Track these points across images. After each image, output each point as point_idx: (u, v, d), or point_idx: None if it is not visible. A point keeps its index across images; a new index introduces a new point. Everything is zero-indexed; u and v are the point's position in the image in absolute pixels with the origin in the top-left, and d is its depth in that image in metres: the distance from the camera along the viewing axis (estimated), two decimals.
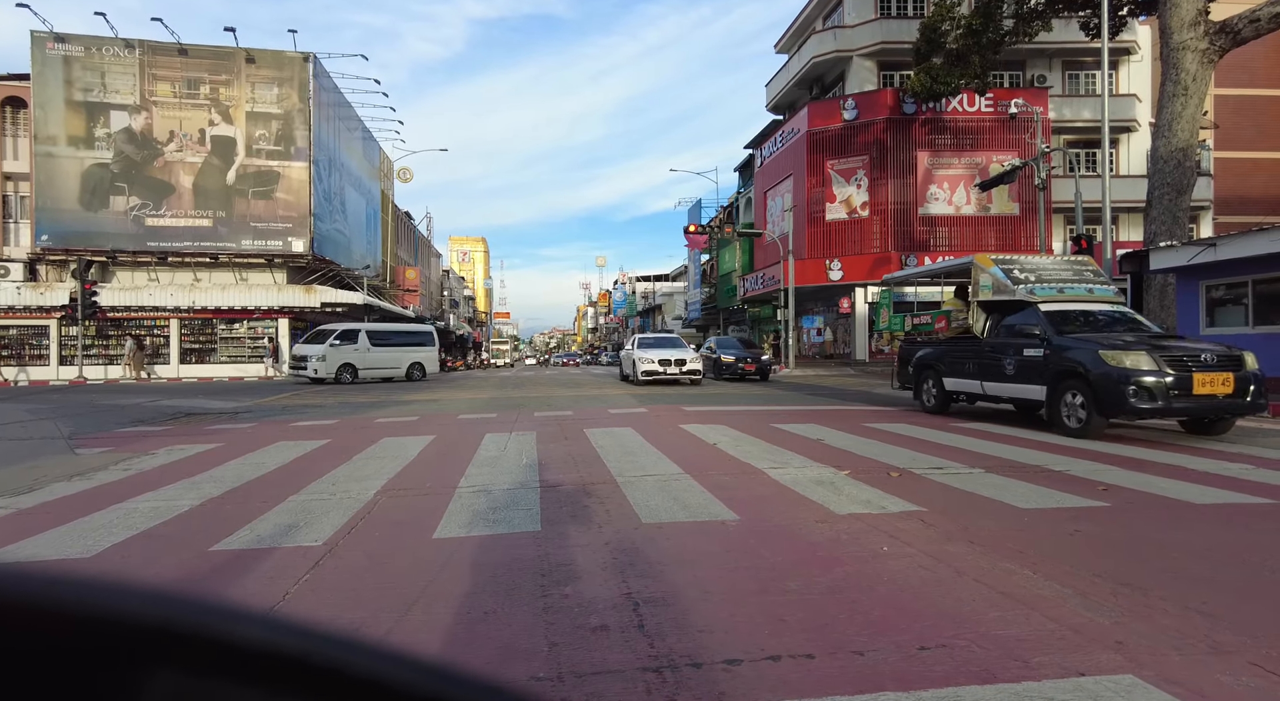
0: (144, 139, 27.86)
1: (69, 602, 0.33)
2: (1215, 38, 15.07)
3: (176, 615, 0.34)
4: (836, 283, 29.12)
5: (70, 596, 0.33)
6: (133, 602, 0.34)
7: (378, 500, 4.63)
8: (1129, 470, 5.44)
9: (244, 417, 10.88)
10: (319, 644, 0.35)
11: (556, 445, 7.12)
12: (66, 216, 27.09)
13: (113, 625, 0.33)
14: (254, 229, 28.42)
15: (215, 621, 0.34)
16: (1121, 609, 2.60)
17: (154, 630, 0.34)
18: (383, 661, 0.35)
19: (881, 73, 31.16)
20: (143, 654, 0.33)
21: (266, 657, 0.34)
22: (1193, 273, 13.37)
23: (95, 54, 27.49)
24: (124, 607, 0.34)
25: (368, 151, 39.09)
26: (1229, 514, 4.11)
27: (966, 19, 21.23)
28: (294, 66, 29.11)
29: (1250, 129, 37.04)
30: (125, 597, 0.34)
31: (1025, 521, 3.93)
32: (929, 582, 2.92)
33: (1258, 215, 32.25)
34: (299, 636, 0.35)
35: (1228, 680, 2.05)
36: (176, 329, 27.68)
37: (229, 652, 0.34)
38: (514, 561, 3.27)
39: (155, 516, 4.22)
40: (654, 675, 2.11)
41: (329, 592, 2.90)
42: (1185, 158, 15.26)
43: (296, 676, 0.34)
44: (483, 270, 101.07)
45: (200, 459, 6.50)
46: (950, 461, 5.89)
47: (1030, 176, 23.38)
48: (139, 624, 0.34)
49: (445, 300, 61.95)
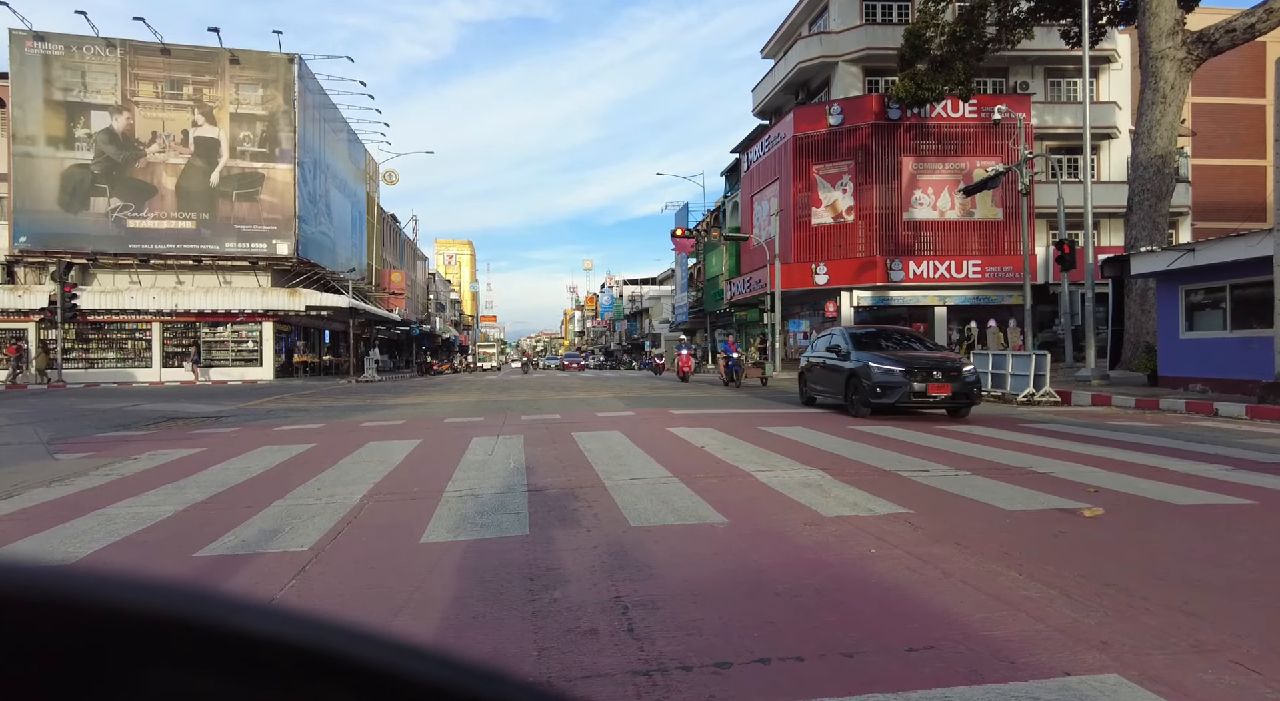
0: (125, 139, 27.55)
1: (66, 593, 0.33)
2: (1193, 47, 15.34)
3: (178, 606, 0.34)
4: (822, 286, 29.28)
5: (67, 588, 0.33)
6: (134, 594, 0.33)
7: (364, 505, 4.59)
8: (1111, 472, 5.50)
9: (228, 422, 10.77)
10: (324, 633, 0.35)
11: (544, 449, 7.10)
12: (45, 218, 26.71)
13: (113, 617, 0.33)
14: (238, 231, 28.17)
15: (218, 612, 0.34)
16: (1106, 609, 2.63)
17: (155, 621, 0.33)
18: (388, 650, 0.35)
19: (867, 78, 31.41)
20: (145, 645, 0.33)
21: (271, 647, 0.34)
22: (1173, 277, 13.56)
23: (75, 53, 27.16)
24: (124, 599, 0.33)
25: (353, 153, 38.88)
26: (1209, 515, 4.17)
27: (950, 26, 21.47)
28: (279, 68, 28.91)
29: (1226, 136, 37.72)
30: (126, 589, 0.33)
31: (1011, 523, 3.96)
32: (916, 584, 2.93)
33: (1234, 221, 32.83)
34: (304, 626, 0.35)
35: (1210, 678, 2.08)
36: (159, 332, 27.35)
37: (233, 643, 0.34)
38: (502, 565, 3.26)
39: (137, 522, 4.16)
40: (644, 678, 2.11)
41: (315, 598, 2.88)
42: (1165, 164, 15.51)
43: (302, 665, 0.34)
44: (469, 273, 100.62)
45: (183, 464, 6.43)
46: (936, 464, 5.94)
47: (1013, 182, 23.64)
48: (140, 615, 0.33)
49: (431, 303, 61.64)
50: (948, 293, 28.77)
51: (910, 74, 22.43)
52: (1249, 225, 26.14)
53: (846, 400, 10.39)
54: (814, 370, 11.89)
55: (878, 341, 10.94)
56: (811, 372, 12.03)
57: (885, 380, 9.65)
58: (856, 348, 10.54)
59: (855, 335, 11.14)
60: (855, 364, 10.18)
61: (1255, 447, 6.90)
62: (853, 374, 10.17)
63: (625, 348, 73.00)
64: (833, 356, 11.07)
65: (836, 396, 10.85)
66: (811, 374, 12.03)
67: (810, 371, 12.07)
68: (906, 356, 10.00)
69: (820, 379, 11.56)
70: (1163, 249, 13.68)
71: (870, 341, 10.87)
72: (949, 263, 28.53)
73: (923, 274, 28.47)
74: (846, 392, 10.38)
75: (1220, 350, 12.72)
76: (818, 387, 11.72)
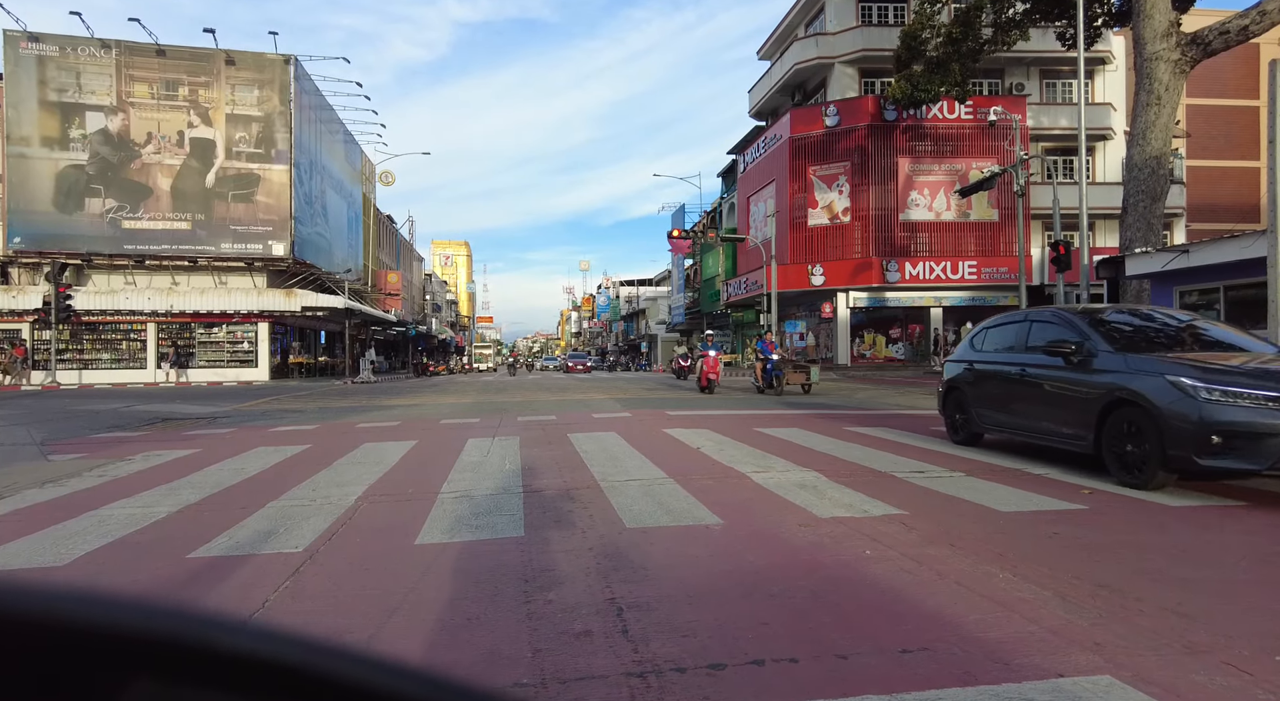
0: (121, 140, 27.46)
1: (39, 612, 0.32)
2: (1187, 49, 15.39)
3: (154, 623, 0.33)
4: (819, 288, 29.31)
5: (40, 606, 0.32)
6: (108, 611, 0.33)
7: (359, 506, 4.59)
8: (1105, 474, 5.51)
9: (223, 422, 10.73)
10: (302, 651, 0.34)
11: (540, 450, 7.09)
12: (40, 218, 26.61)
13: (88, 635, 0.32)
14: (234, 232, 28.10)
15: (195, 629, 0.34)
16: (1099, 610, 2.64)
17: (131, 639, 0.33)
18: (368, 668, 0.35)
19: (863, 80, 31.46)
20: (120, 663, 0.33)
21: (247, 665, 0.33)
22: (1167, 278, 13.61)
23: (70, 54, 27.06)
24: (99, 616, 0.33)
25: (349, 154, 38.82)
26: (1202, 516, 4.18)
27: (946, 27, 21.51)
28: (275, 68, 28.85)
29: (1220, 138, 37.90)
30: (100, 606, 0.33)
31: (1005, 524, 3.97)
32: (911, 585, 2.94)
33: (1228, 222, 32.92)
34: (281, 643, 0.34)
35: (1202, 679, 2.09)
36: (154, 333, 27.26)
37: (209, 661, 0.33)
38: (497, 567, 3.25)
39: (131, 523, 4.15)
40: (638, 680, 2.11)
41: (310, 599, 2.87)
42: (1159, 165, 15.55)
43: (279, 684, 0.34)
44: (465, 274, 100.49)
45: (178, 464, 6.41)
46: (931, 465, 5.95)
47: (1009, 183, 23.69)
48: (115, 633, 0.33)
49: (427, 304, 61.57)
50: (944, 294, 28.83)
51: (906, 75, 22.46)
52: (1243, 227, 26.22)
53: (1102, 448, 5.42)
54: (985, 385, 7.18)
55: (1147, 333, 6.11)
56: (980, 388, 7.25)
57: (1242, 419, 4.55)
58: (1115, 344, 5.65)
59: (1104, 320, 6.17)
60: (1127, 378, 5.26)
61: None
62: (1122, 400, 5.26)
63: (622, 348, 72.90)
64: (1041, 361, 6.24)
65: (1063, 433, 5.94)
66: (979, 390, 7.25)
67: (975, 387, 7.33)
68: (1248, 365, 5.05)
69: (1009, 400, 6.75)
70: (1157, 250, 13.73)
71: (1137, 333, 6.04)
72: (945, 264, 28.59)
73: (919, 275, 28.52)
74: (1102, 434, 5.43)
75: None
76: (1001, 416, 6.87)
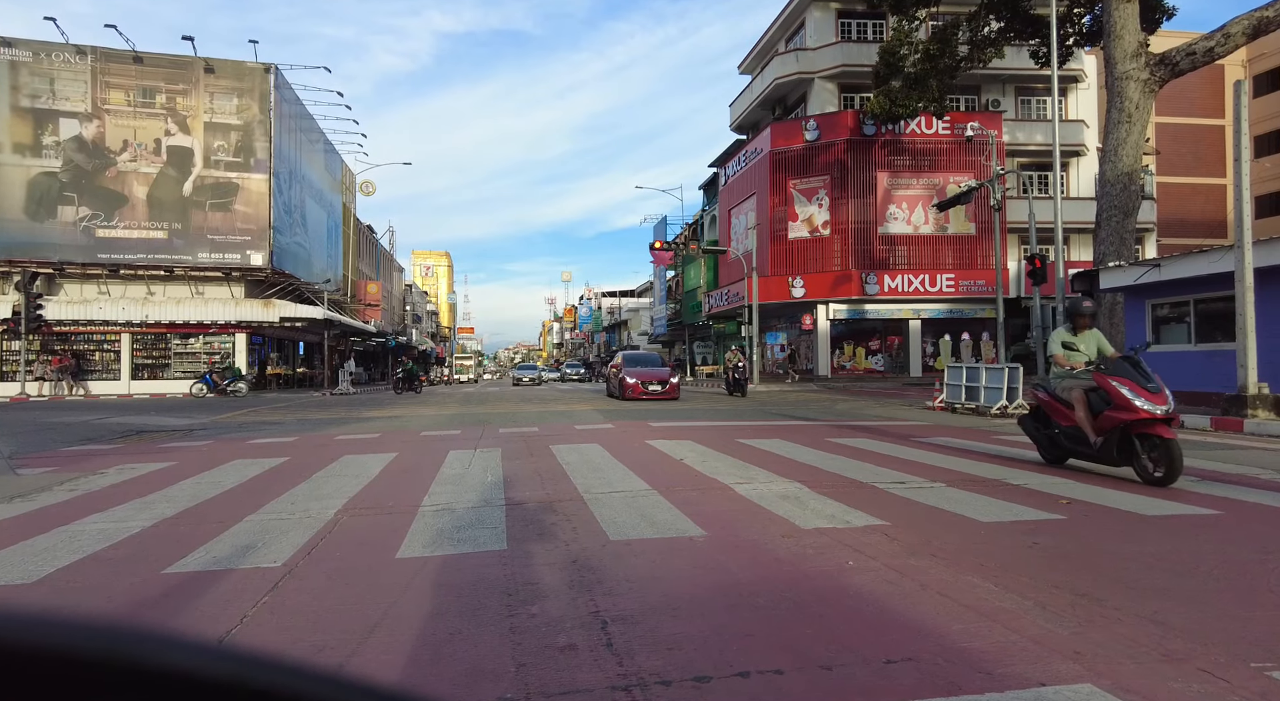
0: (95, 148, 27.04)
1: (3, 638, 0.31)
2: (1155, 68, 15.80)
3: (115, 647, 0.32)
4: (799, 300, 29.55)
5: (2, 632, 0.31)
6: (68, 635, 0.31)
7: (338, 519, 4.52)
8: (1082, 483, 5.59)
9: (199, 435, 10.55)
10: (269, 673, 0.33)
11: (522, 462, 7.05)
12: (10, 226, 26.07)
13: (47, 661, 0.31)
14: (211, 241, 27.72)
15: (159, 652, 0.32)
16: (1079, 619, 2.67)
17: (89, 664, 0.31)
18: (337, 690, 0.34)
19: (842, 95, 31.90)
20: (79, 691, 0.31)
21: (212, 690, 0.32)
22: (1140, 292, 13.88)
23: (44, 59, 26.65)
24: (58, 641, 0.31)
25: (329, 164, 38.55)
26: (1177, 525, 4.25)
27: (924, 44, 21.91)
28: (255, 77, 28.62)
29: (1189, 156, 38.90)
30: (57, 629, 0.31)
31: (986, 534, 4.01)
32: (894, 596, 2.95)
33: (1197, 237, 33.73)
34: (248, 666, 0.33)
35: (1179, 686, 2.12)
36: (128, 343, 26.77)
37: (171, 686, 0.32)
38: (480, 581, 3.22)
39: (104, 538, 4.06)
40: (623, 693, 2.09)
41: (288, 615, 2.82)
42: (1130, 181, 15.91)
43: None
44: (446, 284, 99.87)
45: (153, 478, 6.28)
46: (912, 476, 5.99)
47: (986, 197, 24.08)
48: (75, 658, 0.31)
49: (408, 315, 61.10)
50: (922, 306, 29.18)
51: (885, 90, 22.81)
52: (1211, 241, 26.84)
53: None
54: None
55: None
56: None
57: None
58: None
59: None
60: None
61: (1219, 459, 7.05)
62: None
63: (603, 359, 72.73)
64: None
65: None
66: None
67: None
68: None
69: None
70: (1130, 264, 14.01)
71: None
72: (923, 276, 28.96)
73: (897, 287, 28.85)
74: None
75: (1185, 363, 13.02)
76: None
